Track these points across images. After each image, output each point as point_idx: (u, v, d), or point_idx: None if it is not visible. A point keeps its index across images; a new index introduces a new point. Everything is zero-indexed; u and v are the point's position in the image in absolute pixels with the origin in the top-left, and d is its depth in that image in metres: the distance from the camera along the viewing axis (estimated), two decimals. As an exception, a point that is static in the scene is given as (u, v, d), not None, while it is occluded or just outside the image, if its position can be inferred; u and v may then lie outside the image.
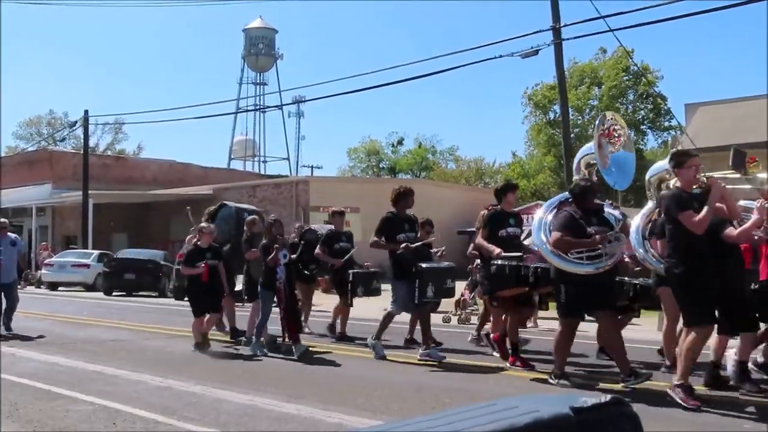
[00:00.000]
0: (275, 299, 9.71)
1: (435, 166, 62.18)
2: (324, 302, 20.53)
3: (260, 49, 69.92)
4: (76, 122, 34.90)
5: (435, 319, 14.99)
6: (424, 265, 8.71)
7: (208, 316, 10.15)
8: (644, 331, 12.66)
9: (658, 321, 13.29)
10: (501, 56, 16.94)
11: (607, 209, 8.24)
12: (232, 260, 11.30)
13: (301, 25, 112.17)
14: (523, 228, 9.30)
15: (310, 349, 10.05)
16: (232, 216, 12.18)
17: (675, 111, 61.54)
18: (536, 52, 16.55)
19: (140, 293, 24.41)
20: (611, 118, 9.33)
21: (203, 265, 9.88)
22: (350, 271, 10.99)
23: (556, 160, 45.32)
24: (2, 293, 12.08)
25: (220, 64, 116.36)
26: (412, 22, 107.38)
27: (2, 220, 12.80)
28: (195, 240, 10.65)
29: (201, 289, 9.99)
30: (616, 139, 8.91)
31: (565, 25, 16.36)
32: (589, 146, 9.24)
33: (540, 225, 7.88)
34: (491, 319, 9.74)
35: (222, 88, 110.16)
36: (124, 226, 36.33)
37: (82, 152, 34.76)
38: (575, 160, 9.53)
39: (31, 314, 15.30)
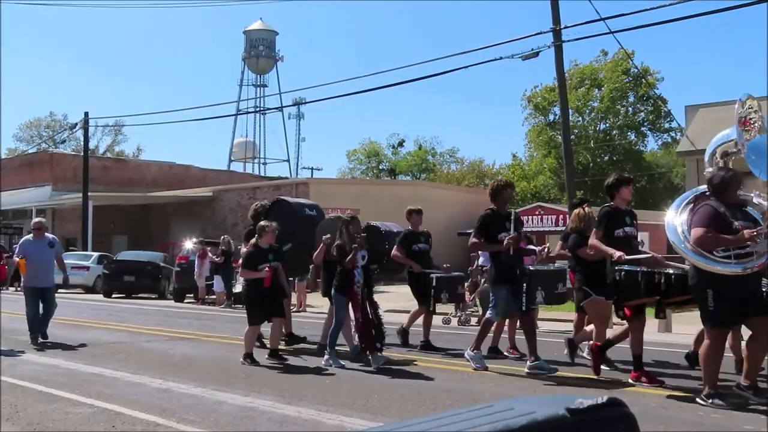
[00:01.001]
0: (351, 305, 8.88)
1: (435, 168, 62.19)
2: (318, 303, 20.55)
3: (260, 51, 70.00)
4: (76, 124, 34.91)
5: (434, 320, 15.00)
6: (533, 268, 8.05)
7: (273, 322, 9.25)
8: (646, 333, 12.66)
9: (658, 323, 13.29)
10: (501, 58, 16.95)
11: (756, 199, 7.29)
12: (294, 262, 10.58)
13: (302, 27, 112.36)
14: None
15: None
16: (290, 212, 10.80)
17: (675, 113, 61.62)
18: (536, 54, 16.56)
19: (140, 295, 24.40)
20: (749, 107, 8.21)
21: (267, 268, 8.98)
22: (433, 275, 10.18)
23: (557, 162, 45.33)
24: (39, 298, 11.16)
25: (220, 66, 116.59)
26: (412, 25, 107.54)
27: (39, 219, 11.88)
28: (254, 240, 9.41)
29: (262, 295, 9.04)
30: (751, 126, 7.98)
31: (566, 27, 16.38)
32: (726, 134, 8.32)
33: (675, 224, 7.03)
34: (577, 326, 9.06)
35: (222, 90, 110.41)
36: (124, 228, 36.34)
37: (82, 154, 34.79)
38: (707, 151, 8.50)
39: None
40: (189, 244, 23.89)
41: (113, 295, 24.02)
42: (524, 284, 7.98)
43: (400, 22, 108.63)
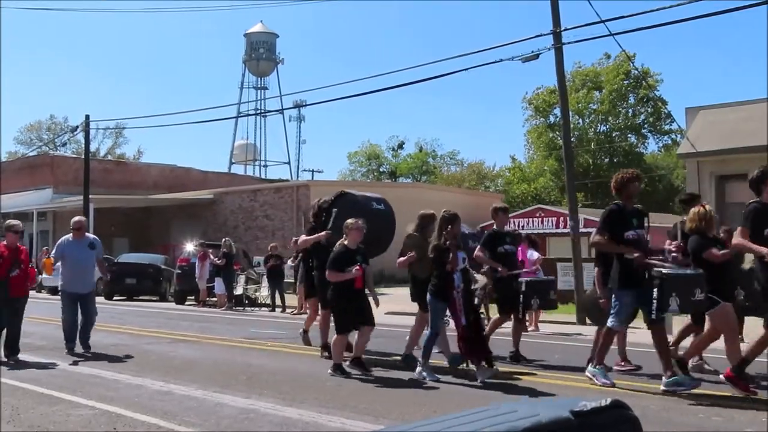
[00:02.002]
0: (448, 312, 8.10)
1: (436, 170, 62.22)
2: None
3: (261, 54, 70.03)
4: (77, 127, 34.89)
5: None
6: (666, 271, 7.11)
7: (360, 330, 8.41)
8: (645, 336, 12.65)
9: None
10: (502, 60, 16.94)
11: None
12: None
13: (302, 29, 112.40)
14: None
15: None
16: (355, 206, 9.62)
17: (675, 115, 61.62)
18: (537, 57, 16.55)
19: (141, 297, 24.41)
20: None
21: (357, 268, 8.22)
22: (523, 279, 9.40)
23: (557, 164, 45.33)
24: (78, 305, 10.28)
25: (220, 69, 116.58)
26: (412, 27, 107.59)
27: (79, 218, 10.74)
28: (342, 239, 8.57)
29: (352, 299, 8.30)
30: None
31: (566, 29, 16.36)
32: None
33: None
34: (679, 339, 8.44)
35: (223, 92, 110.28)
36: (125, 230, 36.33)
37: (83, 157, 34.76)
38: None
39: (32, 318, 15.30)
40: (190, 247, 23.91)
41: (114, 298, 24.02)
42: (654, 289, 7.00)
43: (400, 25, 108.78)
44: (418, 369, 8.06)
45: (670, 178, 49.74)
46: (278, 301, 19.46)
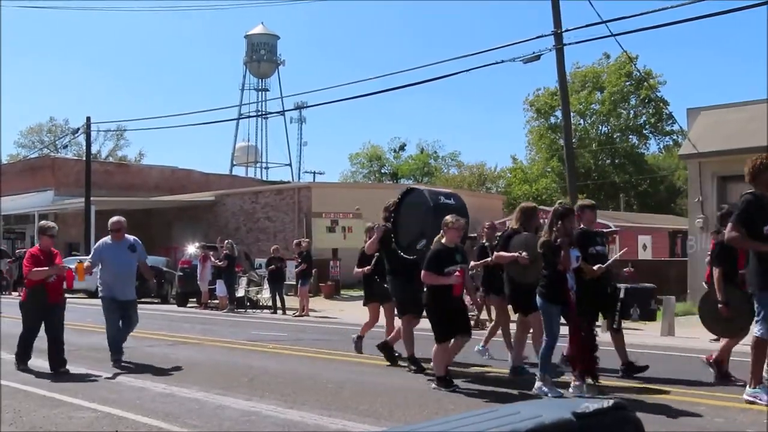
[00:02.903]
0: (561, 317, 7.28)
1: (437, 172, 62.22)
2: (327, 307, 20.61)
3: (262, 55, 70.07)
4: (78, 129, 34.95)
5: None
6: None
7: (455, 339, 7.62)
8: (649, 337, 12.65)
9: (661, 327, 13.29)
10: (503, 61, 16.95)
11: None
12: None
13: (303, 31, 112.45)
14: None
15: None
16: (423, 202, 8.83)
17: (677, 115, 61.57)
18: (538, 57, 16.57)
19: (142, 299, 24.38)
20: None
21: (458, 271, 7.43)
22: (621, 286, 8.47)
23: (559, 165, 45.35)
24: (120, 313, 9.49)
25: (221, 71, 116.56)
26: (413, 28, 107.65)
27: (117, 218, 9.78)
28: (439, 237, 7.79)
29: (451, 304, 7.55)
30: None
31: (567, 30, 16.39)
32: None
33: None
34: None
35: (224, 94, 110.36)
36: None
37: (84, 159, 34.81)
38: None
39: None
40: (191, 249, 23.91)
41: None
42: None
43: (401, 26, 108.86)
44: (538, 384, 7.15)
45: (671, 179, 49.74)
46: (279, 303, 19.47)
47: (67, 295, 9.95)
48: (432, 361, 7.68)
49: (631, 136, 50.56)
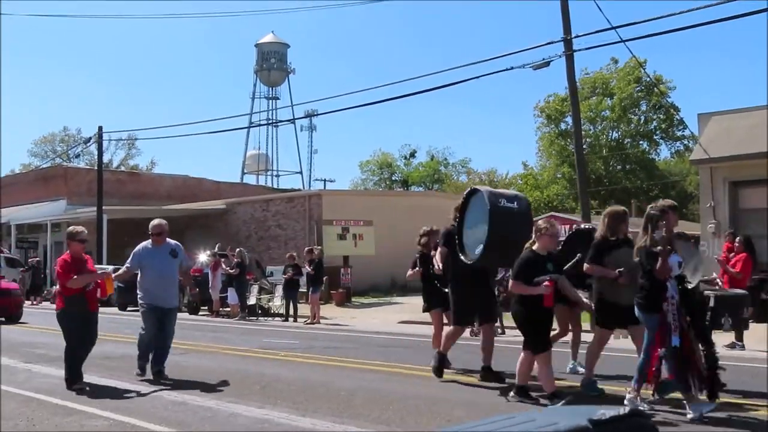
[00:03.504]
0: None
1: (447, 179, 62.18)
2: (338, 315, 20.59)
3: (272, 64, 70.34)
4: (90, 138, 35.15)
5: (446, 331, 15.00)
6: None
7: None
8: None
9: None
10: (512, 68, 16.92)
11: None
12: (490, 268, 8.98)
13: (313, 39, 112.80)
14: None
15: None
16: (483, 207, 8.20)
17: (688, 121, 61.29)
18: (548, 64, 16.53)
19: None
20: None
21: (547, 282, 6.95)
22: (710, 293, 7.80)
23: (572, 171, 45.25)
24: (159, 321, 8.97)
25: (232, 79, 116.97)
26: (423, 35, 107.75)
27: (159, 222, 9.30)
28: (530, 243, 7.38)
29: (541, 316, 7.13)
30: None
31: (577, 36, 16.35)
32: None
33: None
34: None
35: (234, 102, 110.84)
36: (137, 241, 36.25)
37: (96, 168, 35.00)
38: None
39: (47, 330, 15.38)
40: (203, 257, 23.97)
41: (128, 308, 24.09)
42: None
43: (411, 34, 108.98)
44: (629, 396, 6.62)
45: (683, 185, 49.52)
46: (291, 311, 19.48)
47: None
48: (516, 370, 7.25)
49: (641, 142, 50.39)
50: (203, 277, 21.82)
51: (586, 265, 7.31)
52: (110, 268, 11.06)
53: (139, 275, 9.11)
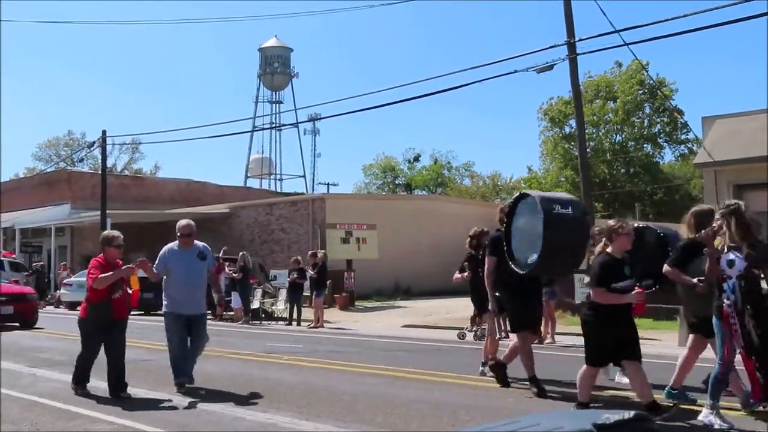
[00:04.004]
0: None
1: (451, 182, 62.18)
2: (342, 319, 20.58)
3: (276, 68, 70.50)
4: (94, 143, 35.20)
5: (450, 335, 15.00)
6: None
7: (626, 366, 6.73)
8: (666, 347, 12.54)
9: (679, 336, 13.17)
10: (516, 71, 16.94)
11: None
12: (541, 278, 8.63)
13: (316, 43, 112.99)
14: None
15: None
16: (536, 213, 7.59)
17: (692, 124, 61.30)
18: (551, 67, 16.55)
19: (159, 312, 24.46)
20: None
21: (638, 288, 6.45)
22: None
23: (575, 174, 45.23)
24: (186, 329, 8.37)
25: (236, 83, 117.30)
26: (426, 39, 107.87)
27: (187, 222, 8.65)
28: (602, 246, 6.73)
29: (621, 327, 6.43)
30: None
31: (580, 40, 16.36)
32: None
33: None
34: None
35: (238, 106, 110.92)
36: (141, 245, 36.49)
37: (100, 172, 35.05)
38: None
39: (52, 334, 15.42)
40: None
41: (132, 312, 24.12)
42: None
43: (415, 37, 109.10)
44: (705, 412, 6.21)
45: (687, 188, 49.46)
46: (295, 314, 19.47)
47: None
48: (578, 385, 6.66)
49: (645, 145, 50.36)
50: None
51: (666, 267, 6.74)
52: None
53: (164, 280, 8.51)
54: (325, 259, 19.96)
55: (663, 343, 13.38)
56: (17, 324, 17.57)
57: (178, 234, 8.49)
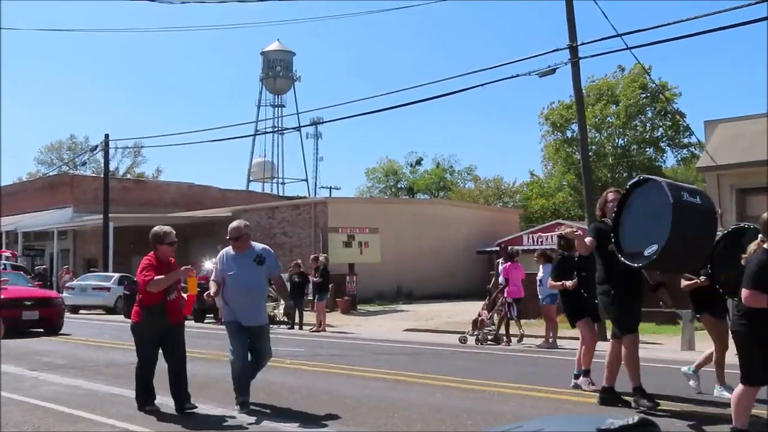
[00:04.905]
0: None
1: (453, 186, 62.18)
2: (344, 322, 20.57)
3: (278, 72, 70.59)
4: (96, 146, 35.26)
5: (452, 339, 14.99)
6: None
7: None
8: (668, 351, 12.52)
9: (680, 341, 13.14)
10: (518, 75, 16.92)
11: None
12: (666, 273, 7.79)
13: (318, 47, 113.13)
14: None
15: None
16: (662, 199, 6.61)
17: (694, 128, 61.25)
18: (553, 71, 16.52)
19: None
20: None
21: None
22: None
23: (577, 178, 45.20)
24: (247, 342, 7.51)
25: (238, 87, 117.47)
26: (428, 43, 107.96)
27: (237, 224, 7.80)
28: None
29: None
30: None
31: (583, 44, 16.33)
32: None
33: None
34: None
35: (240, 110, 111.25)
36: (144, 248, 36.43)
37: (102, 176, 35.11)
38: None
39: (53, 338, 15.41)
40: (209, 264, 23.97)
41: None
42: None
43: (417, 41, 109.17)
44: None
45: (689, 192, 49.38)
46: (297, 318, 19.46)
47: (84, 312, 9.65)
48: (733, 408, 5.77)
49: (648, 149, 50.34)
50: (209, 285, 21.81)
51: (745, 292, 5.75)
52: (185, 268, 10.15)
53: (222, 287, 7.81)
54: (327, 262, 19.96)
55: (665, 347, 13.36)
56: (42, 330, 16.50)
57: (228, 237, 7.78)
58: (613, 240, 6.89)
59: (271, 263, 7.67)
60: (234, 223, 7.80)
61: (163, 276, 7.19)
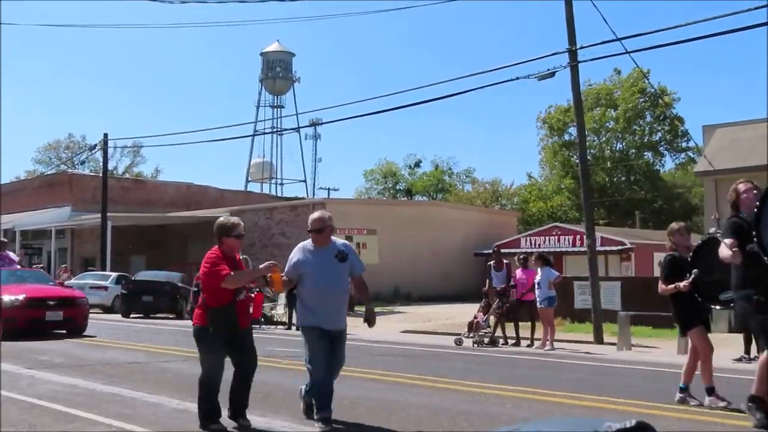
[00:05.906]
0: None
1: (451, 188, 62.20)
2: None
3: (277, 73, 70.60)
4: (95, 145, 35.24)
5: (449, 341, 14.99)
6: None
7: None
8: (666, 355, 12.53)
9: (677, 345, 13.16)
10: (517, 78, 16.95)
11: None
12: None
13: (318, 48, 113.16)
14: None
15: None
16: None
17: (692, 132, 61.34)
18: (552, 74, 16.54)
19: (158, 315, 24.47)
20: None
21: None
22: None
23: (575, 182, 45.24)
24: (327, 347, 6.67)
25: (237, 88, 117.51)
26: (428, 45, 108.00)
27: (320, 215, 6.92)
28: None
29: None
30: None
31: (582, 47, 16.36)
32: None
33: None
34: None
35: (239, 111, 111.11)
36: (142, 248, 36.52)
37: (101, 175, 35.09)
38: None
39: (59, 339, 15.38)
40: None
41: (131, 315, 24.11)
42: None
43: (416, 43, 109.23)
44: None
45: (687, 197, 49.48)
46: (294, 319, 19.45)
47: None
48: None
49: (646, 153, 50.41)
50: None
51: None
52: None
53: (298, 286, 6.88)
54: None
55: (662, 351, 13.37)
56: (65, 331, 15.79)
57: (309, 229, 6.81)
58: (755, 239, 6.04)
59: (354, 261, 6.82)
60: (316, 214, 6.87)
61: (244, 271, 6.44)
